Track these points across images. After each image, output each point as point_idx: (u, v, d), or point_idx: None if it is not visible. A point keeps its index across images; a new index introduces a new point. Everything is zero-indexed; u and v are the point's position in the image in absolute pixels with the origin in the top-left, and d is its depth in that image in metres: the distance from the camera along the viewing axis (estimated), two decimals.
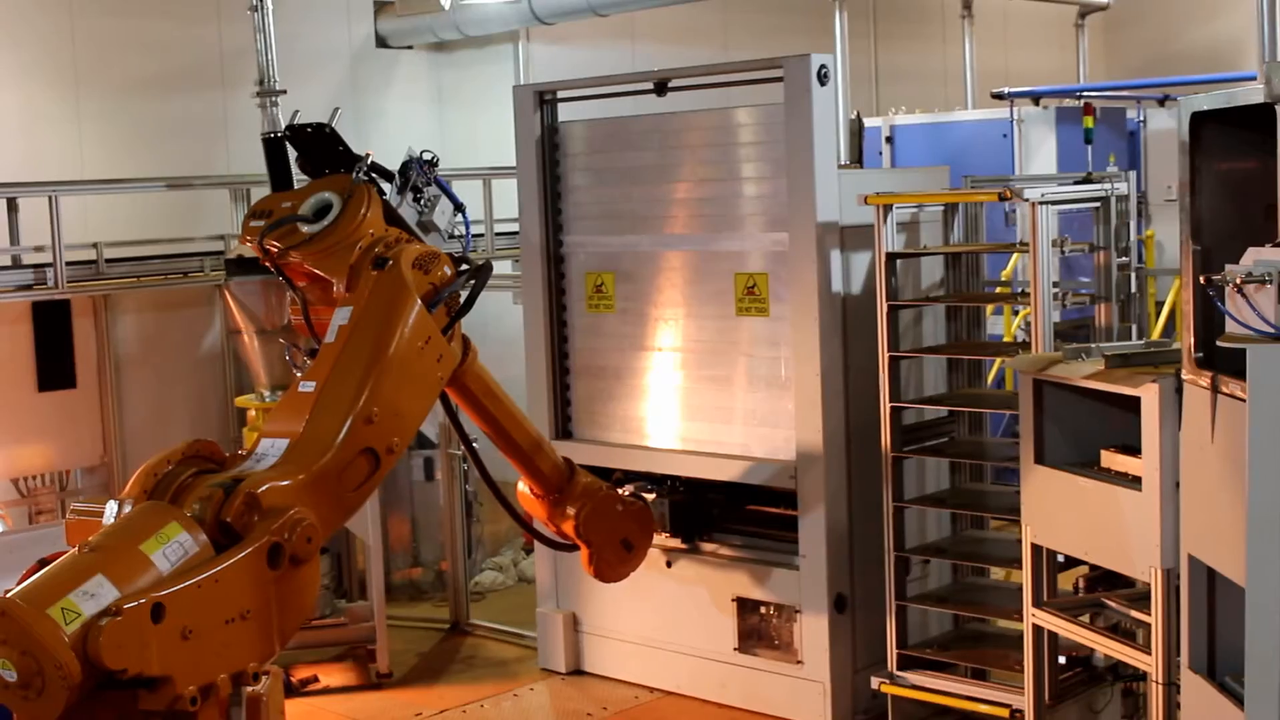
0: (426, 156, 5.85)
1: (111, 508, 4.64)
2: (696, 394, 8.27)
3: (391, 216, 5.69)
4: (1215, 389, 4.84)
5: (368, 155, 5.68)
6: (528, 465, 6.47)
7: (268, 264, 5.61)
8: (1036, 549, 6.46)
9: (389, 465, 5.06)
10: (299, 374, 5.85)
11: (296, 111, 5.88)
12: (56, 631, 3.99)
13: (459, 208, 5.95)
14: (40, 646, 3.97)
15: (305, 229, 5.49)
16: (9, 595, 4.11)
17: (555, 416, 8.81)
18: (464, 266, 5.57)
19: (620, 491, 6.92)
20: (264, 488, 4.52)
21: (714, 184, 8.09)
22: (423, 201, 5.83)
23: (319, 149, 5.81)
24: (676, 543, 8.29)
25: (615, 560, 6.88)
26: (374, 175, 5.71)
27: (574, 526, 6.59)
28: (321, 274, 5.47)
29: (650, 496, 7.79)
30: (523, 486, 6.71)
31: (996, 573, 8.06)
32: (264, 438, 4.93)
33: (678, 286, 8.29)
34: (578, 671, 8.85)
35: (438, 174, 5.91)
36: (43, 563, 4.46)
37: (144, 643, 4.09)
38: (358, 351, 5.05)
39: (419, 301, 5.24)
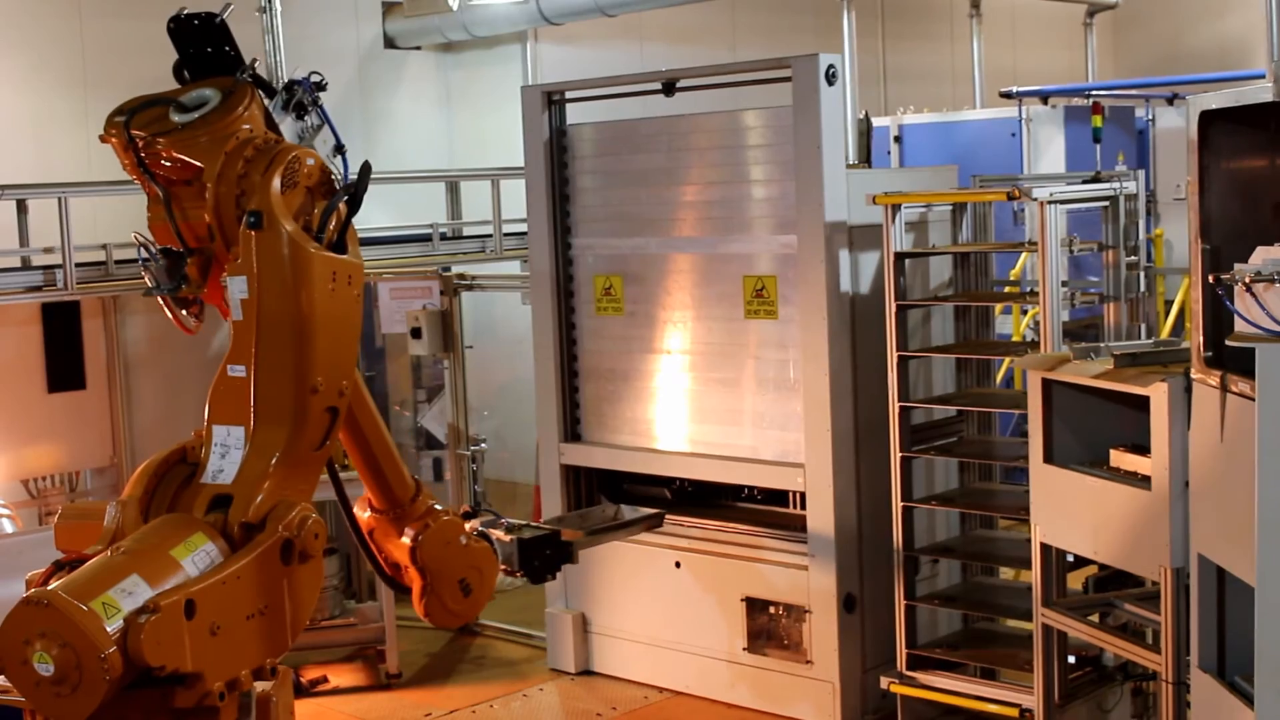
0: (315, 79, 5.46)
1: (111, 510, 4.67)
2: (705, 397, 8.26)
3: (272, 127, 5.28)
4: (1224, 388, 4.84)
5: (254, 60, 5.30)
6: (374, 471, 5.75)
7: (127, 164, 5.10)
8: (1046, 548, 6.46)
9: (345, 405, 4.96)
10: (149, 281, 5.23)
11: (184, 8, 5.41)
12: (101, 624, 4.02)
13: (340, 148, 5.48)
14: (84, 639, 3.98)
15: (177, 118, 5.01)
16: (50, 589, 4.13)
17: (564, 419, 8.82)
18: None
19: (467, 526, 6.07)
20: (252, 508, 4.56)
21: (722, 186, 8.09)
22: (305, 123, 5.43)
23: (205, 45, 5.30)
24: (683, 543, 8.32)
25: (449, 601, 6.02)
26: (259, 82, 5.28)
27: (409, 551, 5.80)
28: (191, 161, 4.99)
29: (502, 535, 6.42)
30: (359, 510, 5.92)
31: (1006, 572, 8.06)
32: (215, 425, 4.82)
33: (686, 289, 8.29)
34: (587, 672, 8.86)
35: (323, 107, 5.49)
36: (58, 565, 4.48)
37: (179, 639, 4.13)
38: (275, 329, 4.83)
39: (311, 249, 4.88)
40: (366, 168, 5.18)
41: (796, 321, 7.74)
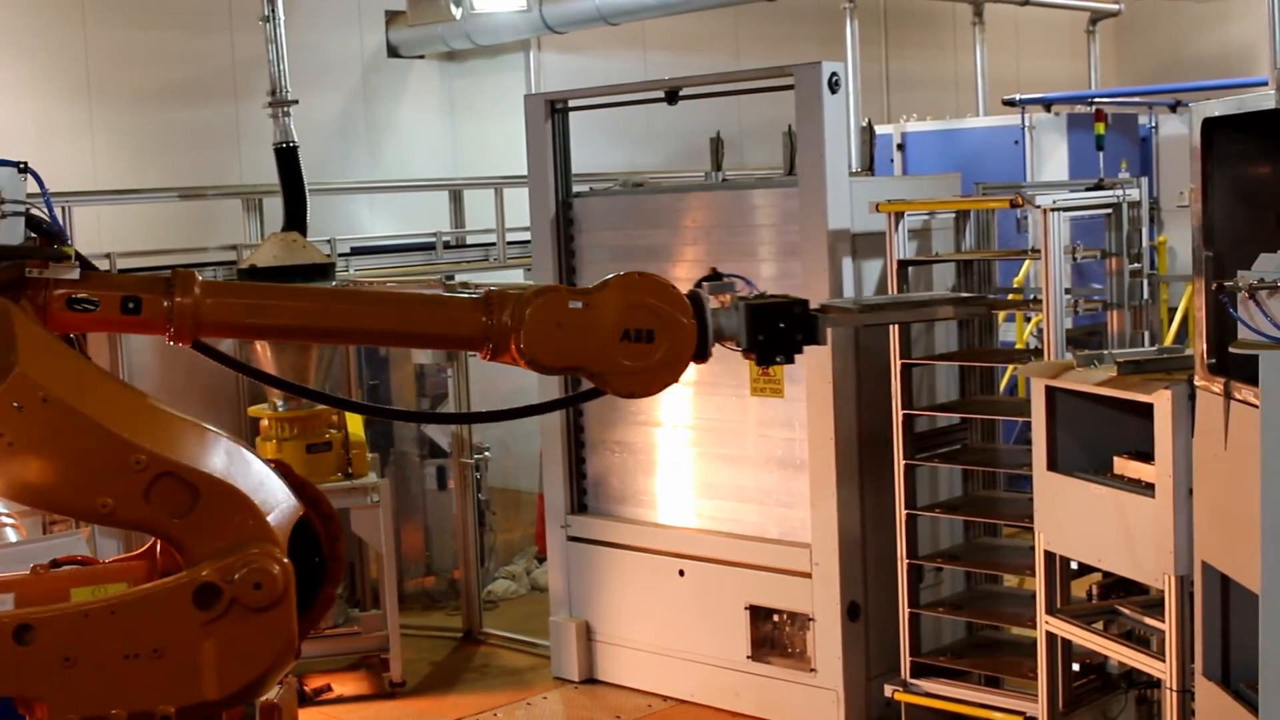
0: None
1: None
2: (712, 472, 8.30)
3: None
4: (1228, 395, 4.83)
5: None
6: (428, 343, 4.52)
7: None
8: (1049, 556, 6.45)
9: (173, 466, 3.96)
10: None
11: None
12: None
13: (20, 167, 4.12)
14: None
15: None
16: None
17: (570, 490, 8.88)
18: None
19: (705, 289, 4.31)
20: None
21: (729, 264, 8.08)
22: None
23: None
24: (687, 551, 8.32)
25: (628, 362, 4.37)
26: None
27: (525, 365, 4.34)
28: None
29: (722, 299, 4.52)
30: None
31: (1010, 580, 8.05)
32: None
33: (692, 365, 8.28)
34: (591, 680, 8.85)
35: None
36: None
37: (13, 663, 3.93)
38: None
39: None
40: (58, 256, 4.02)
41: (803, 400, 7.75)
